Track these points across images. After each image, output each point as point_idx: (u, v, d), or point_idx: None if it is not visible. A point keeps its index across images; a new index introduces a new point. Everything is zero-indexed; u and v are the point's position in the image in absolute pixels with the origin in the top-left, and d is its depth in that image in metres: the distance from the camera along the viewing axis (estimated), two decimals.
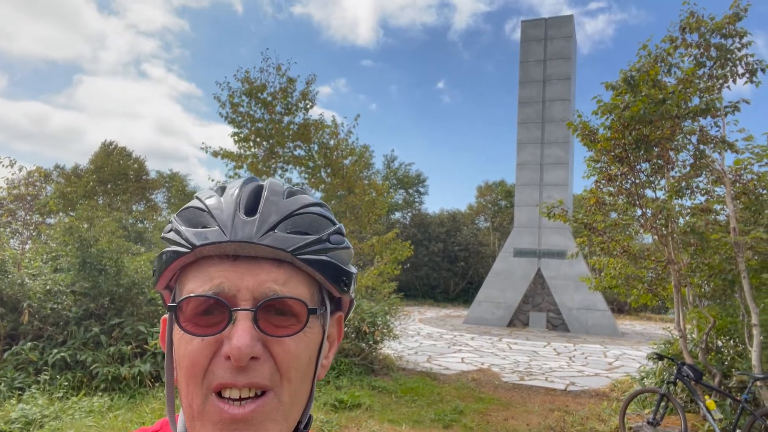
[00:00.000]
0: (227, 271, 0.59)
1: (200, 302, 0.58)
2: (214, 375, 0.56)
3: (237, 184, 0.65)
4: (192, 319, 0.58)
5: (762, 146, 6.96)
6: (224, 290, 0.58)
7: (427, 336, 15.26)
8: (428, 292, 29.19)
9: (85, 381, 7.17)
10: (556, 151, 18.83)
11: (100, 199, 26.44)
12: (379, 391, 8.27)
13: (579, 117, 7.58)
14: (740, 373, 6.51)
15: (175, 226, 0.62)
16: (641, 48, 7.12)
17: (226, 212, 0.61)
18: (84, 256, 8.17)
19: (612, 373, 10.63)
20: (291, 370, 0.58)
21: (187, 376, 0.58)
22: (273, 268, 0.59)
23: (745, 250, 6.34)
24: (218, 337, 0.57)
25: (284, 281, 0.59)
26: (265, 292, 0.58)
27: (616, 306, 24.52)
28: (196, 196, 0.65)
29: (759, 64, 6.60)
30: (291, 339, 0.58)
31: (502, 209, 32.66)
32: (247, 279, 0.58)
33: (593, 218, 7.81)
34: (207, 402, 0.57)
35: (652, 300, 8.06)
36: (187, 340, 0.58)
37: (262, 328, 0.57)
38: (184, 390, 0.59)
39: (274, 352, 0.58)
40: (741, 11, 6.57)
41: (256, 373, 0.56)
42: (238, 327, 0.56)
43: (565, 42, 19.29)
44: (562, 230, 17.87)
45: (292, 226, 0.61)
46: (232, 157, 10.99)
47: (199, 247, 0.59)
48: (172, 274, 0.63)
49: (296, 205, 0.63)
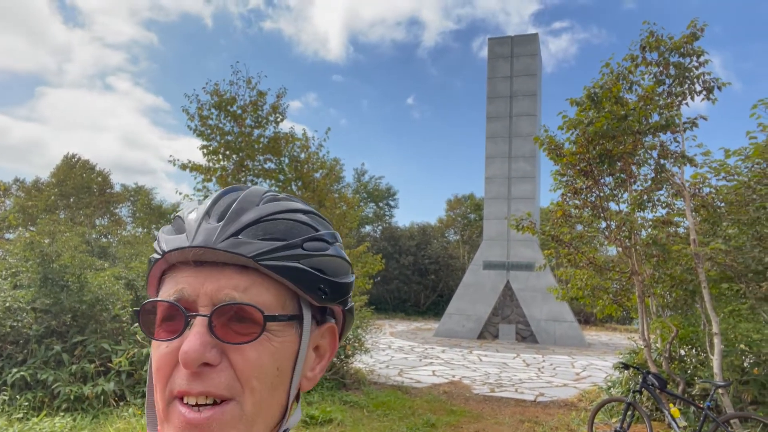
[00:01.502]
0: (190, 277, 0.59)
1: (164, 308, 0.58)
2: (174, 382, 0.56)
3: (217, 194, 0.65)
4: (160, 325, 0.59)
5: (719, 161, 7.24)
6: (185, 296, 0.58)
7: (399, 349, 15.24)
8: (399, 306, 29.18)
9: (47, 401, 6.92)
10: (524, 165, 19.18)
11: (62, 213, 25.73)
12: (351, 405, 8.21)
13: (545, 132, 7.76)
14: (703, 381, 6.69)
15: (159, 235, 0.63)
16: (604, 66, 7.36)
17: (195, 219, 0.61)
18: (45, 272, 7.93)
19: (580, 384, 10.78)
20: (251, 379, 0.56)
21: (155, 381, 0.58)
22: (235, 274, 0.58)
23: (704, 261, 6.55)
24: (177, 343, 0.56)
25: (245, 288, 0.58)
26: (222, 298, 0.57)
27: (582, 317, 24.94)
28: (187, 207, 0.66)
29: (715, 81, 6.89)
30: (250, 347, 0.57)
31: (472, 222, 33.01)
32: (207, 285, 0.58)
33: (560, 230, 7.97)
34: (170, 407, 0.57)
35: (617, 310, 8.24)
36: (155, 345, 0.59)
37: (217, 334, 0.56)
38: (156, 395, 0.59)
39: (233, 360, 0.56)
40: (698, 31, 6.85)
41: (211, 382, 0.55)
42: (191, 332, 0.55)
43: (531, 59, 19.76)
44: (530, 243, 18.15)
45: (263, 231, 0.60)
46: (200, 170, 10.85)
47: (167, 253, 0.60)
48: (155, 281, 0.64)
49: (270, 210, 0.62)
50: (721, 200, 7.25)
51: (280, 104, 11.24)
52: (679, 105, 7.08)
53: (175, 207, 30.49)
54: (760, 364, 6.77)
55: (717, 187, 7.36)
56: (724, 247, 6.42)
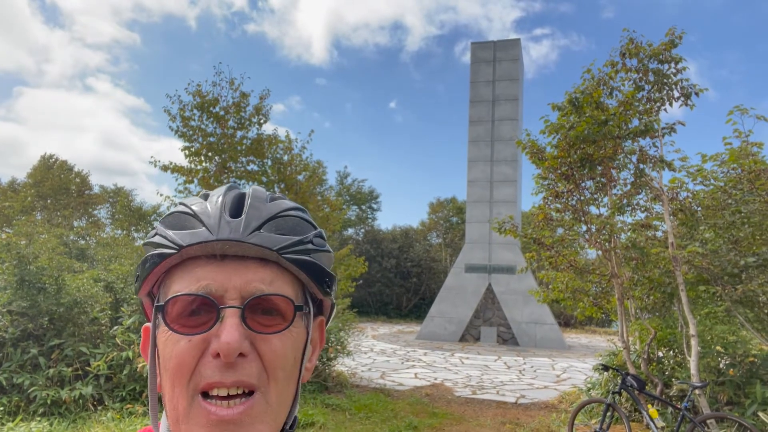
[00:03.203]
0: (214, 272, 0.59)
1: (187, 302, 0.59)
2: (201, 375, 0.57)
3: (220, 191, 0.66)
4: (178, 320, 0.59)
5: (696, 166, 7.38)
6: (212, 291, 0.58)
7: (381, 352, 15.23)
8: (381, 308, 29.15)
9: (23, 405, 6.78)
10: (505, 168, 19.33)
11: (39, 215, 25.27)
12: (333, 408, 8.18)
13: (528, 136, 7.83)
14: (680, 382, 6.81)
15: (160, 231, 0.63)
16: (585, 71, 7.45)
17: (212, 214, 0.62)
18: (22, 274, 7.77)
19: (560, 385, 10.89)
20: (278, 369, 0.59)
21: (173, 377, 0.58)
22: (259, 268, 0.60)
23: (682, 264, 6.67)
24: (205, 336, 0.57)
25: (270, 281, 0.60)
26: (252, 291, 0.59)
27: (562, 320, 25.19)
28: (181, 203, 0.66)
29: (693, 88, 7.03)
30: (277, 337, 0.59)
31: (454, 225, 33.14)
32: (234, 279, 0.59)
33: (541, 234, 8.05)
34: (193, 404, 0.57)
35: (597, 312, 8.34)
36: (173, 341, 0.58)
37: (249, 325, 0.58)
38: (169, 393, 0.59)
39: (260, 351, 0.58)
40: (676, 39, 6.99)
41: (243, 371, 0.56)
42: (226, 324, 0.56)
43: (513, 64, 19.95)
44: (512, 246, 18.29)
45: (276, 227, 0.62)
46: (182, 172, 10.73)
47: (185, 247, 0.59)
48: (156, 278, 0.63)
49: (279, 208, 0.65)
50: (698, 204, 7.40)
51: (264, 106, 11.17)
52: (658, 111, 7.21)
53: (156, 209, 30.10)
54: (735, 366, 6.91)
55: (694, 191, 7.51)
56: (701, 251, 6.55)
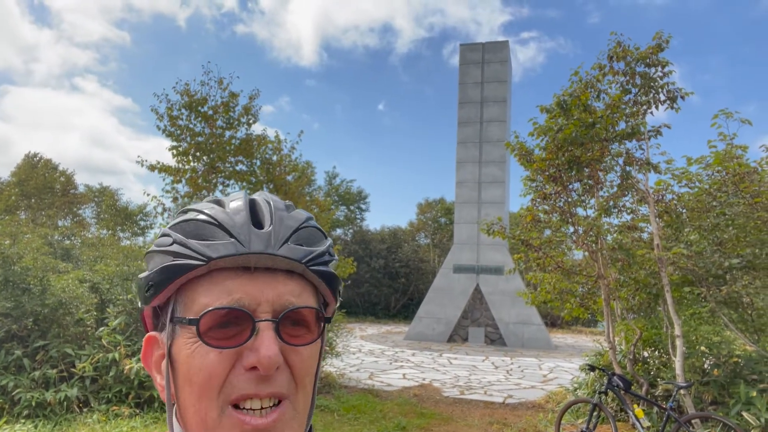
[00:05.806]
0: (246, 285, 0.59)
1: (219, 315, 0.58)
2: (234, 387, 0.57)
3: (238, 196, 0.65)
4: (209, 333, 0.58)
5: (681, 168, 7.48)
6: (245, 304, 0.58)
7: (369, 353, 15.23)
8: (369, 309, 29.13)
9: (6, 407, 6.69)
10: (494, 170, 19.42)
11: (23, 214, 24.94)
12: (321, 409, 8.17)
13: (516, 138, 7.88)
14: (665, 382, 6.89)
15: (179, 239, 0.61)
16: (573, 74, 7.51)
17: (239, 224, 0.61)
18: (6, 275, 7.68)
19: (547, 385, 10.96)
20: (305, 377, 0.61)
21: (201, 389, 0.57)
22: (288, 280, 0.61)
23: (667, 265, 6.75)
24: (239, 349, 0.57)
25: (299, 293, 0.61)
26: (285, 304, 0.60)
27: (549, 320, 25.34)
28: (193, 209, 0.64)
29: (679, 91, 7.11)
30: (306, 348, 0.61)
31: (442, 226, 33.20)
32: (267, 292, 0.59)
33: (529, 235, 8.10)
34: (224, 415, 0.57)
35: (583, 313, 8.41)
36: (202, 353, 0.58)
37: (283, 338, 0.59)
38: (194, 405, 0.58)
39: (290, 362, 0.59)
40: (663, 42, 7.07)
41: (276, 383, 0.58)
42: (263, 337, 0.57)
43: (501, 66, 20.05)
44: (500, 247, 18.37)
45: (299, 239, 0.63)
46: (169, 172, 10.65)
47: (215, 259, 0.59)
48: (176, 287, 0.62)
49: (299, 219, 0.65)
50: (683, 207, 7.49)
51: (253, 106, 11.12)
52: (645, 114, 7.28)
53: (142, 208, 29.83)
54: (719, 366, 7.00)
55: (679, 193, 7.61)
56: (686, 252, 6.64)
